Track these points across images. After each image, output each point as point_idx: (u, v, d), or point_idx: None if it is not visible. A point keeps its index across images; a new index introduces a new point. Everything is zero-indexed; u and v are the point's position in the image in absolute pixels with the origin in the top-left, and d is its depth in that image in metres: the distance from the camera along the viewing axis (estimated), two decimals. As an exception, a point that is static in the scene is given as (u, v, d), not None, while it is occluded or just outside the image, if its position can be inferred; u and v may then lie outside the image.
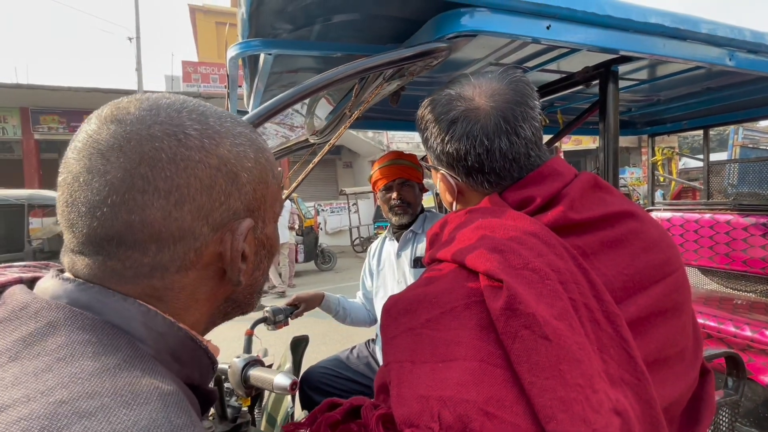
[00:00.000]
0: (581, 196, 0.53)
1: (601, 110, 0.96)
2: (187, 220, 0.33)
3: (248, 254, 0.37)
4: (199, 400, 0.37)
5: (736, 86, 1.49)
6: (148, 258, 0.32)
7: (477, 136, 0.54)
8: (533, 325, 0.41)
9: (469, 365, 0.42)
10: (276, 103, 0.55)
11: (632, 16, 0.77)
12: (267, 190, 0.39)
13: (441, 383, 0.42)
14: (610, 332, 0.45)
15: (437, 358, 0.44)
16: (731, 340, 1.58)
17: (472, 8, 0.67)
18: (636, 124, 2.14)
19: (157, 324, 0.33)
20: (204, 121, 0.35)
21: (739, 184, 2.82)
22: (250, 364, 0.73)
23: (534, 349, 0.41)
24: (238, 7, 0.68)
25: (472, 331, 0.44)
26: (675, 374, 0.52)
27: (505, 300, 0.43)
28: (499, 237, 0.49)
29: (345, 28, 0.85)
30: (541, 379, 0.40)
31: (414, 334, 0.48)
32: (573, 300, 0.45)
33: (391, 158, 1.48)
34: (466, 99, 0.56)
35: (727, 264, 2.06)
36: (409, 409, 0.42)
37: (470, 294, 0.47)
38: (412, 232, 1.48)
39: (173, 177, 0.32)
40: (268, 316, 1.30)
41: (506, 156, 0.55)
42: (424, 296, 0.50)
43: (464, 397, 0.41)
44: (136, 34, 9.82)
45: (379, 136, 10.52)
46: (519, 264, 0.46)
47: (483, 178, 0.57)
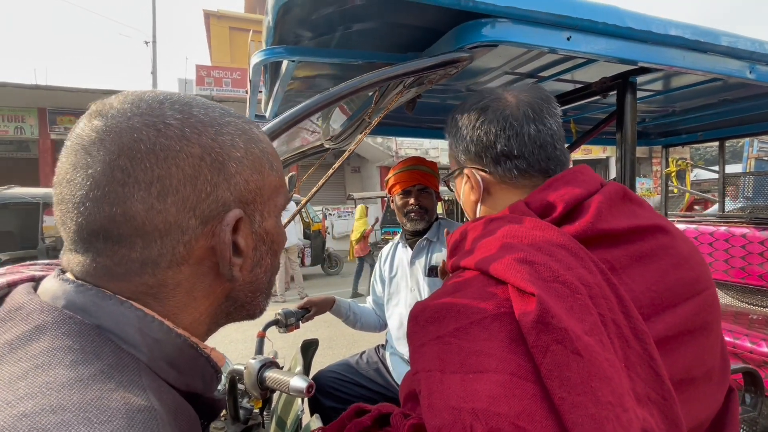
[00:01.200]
0: (609, 206, 0.52)
1: (618, 121, 0.96)
2: (172, 213, 0.31)
3: (244, 249, 0.35)
4: (204, 410, 0.37)
5: (754, 98, 1.48)
6: (136, 253, 0.31)
7: (507, 118, 0.59)
8: (565, 340, 0.41)
9: (500, 378, 0.42)
10: (303, 109, 0.56)
11: (652, 28, 0.77)
12: (263, 181, 0.37)
13: (472, 395, 0.42)
14: (638, 350, 0.45)
15: (467, 368, 0.44)
16: (747, 356, 1.55)
17: (494, 19, 0.68)
18: (650, 135, 2.12)
19: (153, 330, 0.32)
20: (186, 111, 0.34)
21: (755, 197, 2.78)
22: (266, 366, 0.74)
23: (566, 364, 0.40)
24: (265, 15, 0.69)
25: (501, 342, 0.44)
26: (702, 394, 0.51)
27: (537, 313, 0.42)
28: (526, 246, 0.49)
29: (365, 36, 0.86)
30: (572, 395, 0.39)
31: (442, 342, 0.47)
32: (602, 315, 0.45)
33: (412, 163, 1.46)
34: (495, 93, 0.63)
35: (743, 278, 2.02)
36: (441, 420, 0.42)
37: (499, 305, 0.46)
38: (426, 240, 1.46)
39: (153, 168, 0.31)
40: (280, 318, 1.31)
41: (535, 141, 0.58)
42: (452, 305, 0.49)
43: (496, 410, 0.40)
44: (153, 38, 10.03)
45: (388, 142, 10.56)
46: (549, 276, 0.45)
47: (512, 164, 0.59)
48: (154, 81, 9.73)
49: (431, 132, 1.90)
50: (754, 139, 4.50)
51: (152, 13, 10.07)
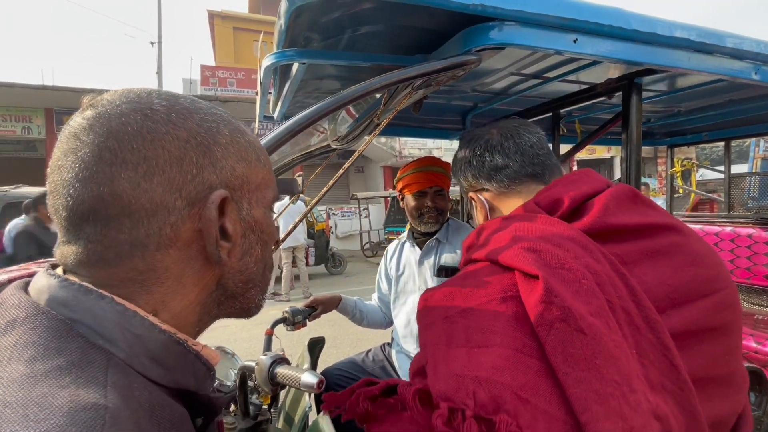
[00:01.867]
0: (617, 204, 0.54)
1: (624, 121, 0.97)
2: (158, 192, 0.32)
3: (232, 233, 0.36)
4: (200, 408, 0.37)
5: (759, 99, 1.48)
6: (125, 235, 0.32)
7: (489, 141, 0.72)
8: (569, 318, 0.42)
9: (504, 352, 0.43)
10: (316, 112, 0.58)
11: (658, 29, 0.78)
12: (250, 170, 0.38)
13: (476, 366, 0.43)
14: (651, 338, 0.45)
15: (472, 343, 0.46)
16: (752, 356, 1.55)
17: (501, 22, 0.69)
18: (655, 135, 2.12)
19: (134, 325, 0.32)
20: (173, 100, 0.35)
21: (761, 197, 2.76)
22: (277, 362, 0.76)
23: (569, 341, 0.41)
24: (277, 18, 0.71)
25: (507, 322, 0.45)
26: (723, 395, 0.51)
27: (541, 293, 0.43)
28: (534, 238, 0.51)
29: (372, 38, 0.87)
30: (576, 371, 0.40)
31: (449, 321, 0.49)
32: (610, 302, 0.45)
33: (428, 164, 1.43)
34: (480, 130, 0.77)
35: (749, 278, 2.02)
36: (445, 385, 0.43)
37: (505, 289, 0.48)
38: (436, 240, 1.46)
39: (140, 149, 0.32)
40: (287, 316, 1.32)
41: (516, 151, 0.69)
42: (461, 290, 0.52)
43: (499, 380, 0.41)
44: (158, 38, 10.09)
45: (392, 142, 10.57)
46: (555, 264, 0.47)
47: (502, 174, 0.69)
48: (159, 81, 9.79)
49: (436, 132, 1.91)
50: (760, 139, 4.47)
51: (158, 13, 10.13)
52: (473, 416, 0.40)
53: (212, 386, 0.38)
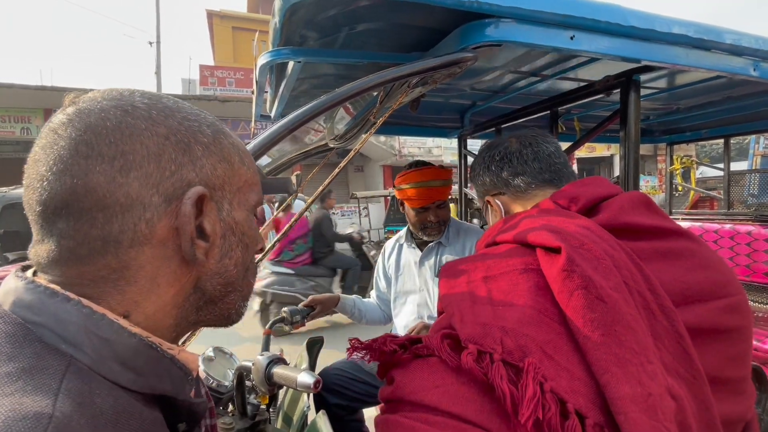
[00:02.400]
0: (632, 206, 0.56)
1: (622, 119, 0.97)
2: (134, 187, 0.32)
3: (210, 233, 0.35)
4: (182, 413, 0.36)
5: (758, 95, 1.48)
6: (97, 229, 0.31)
7: (508, 148, 0.75)
8: (589, 286, 0.43)
9: (528, 312, 0.44)
10: (310, 110, 0.57)
11: (655, 26, 0.78)
12: (232, 172, 0.38)
13: (501, 318, 0.44)
14: (665, 324, 0.46)
15: (496, 303, 0.47)
16: (753, 353, 1.54)
17: (498, 19, 0.69)
18: (654, 133, 2.12)
19: (101, 329, 0.31)
20: (155, 98, 0.35)
21: (760, 194, 2.76)
22: (274, 362, 0.75)
23: (589, 307, 0.42)
24: (272, 17, 0.70)
25: (529, 289, 0.47)
26: (733, 398, 0.51)
27: (563, 263, 0.45)
28: (556, 224, 0.53)
29: (369, 36, 0.87)
30: (596, 334, 0.41)
31: (472, 286, 0.51)
32: (627, 285, 0.46)
33: (430, 177, 1.39)
34: (500, 139, 0.79)
35: (748, 276, 2.02)
36: (473, 330, 0.44)
37: (527, 263, 0.50)
38: (437, 242, 1.46)
39: (117, 143, 0.31)
40: (286, 316, 1.32)
41: (534, 159, 0.72)
42: (482, 262, 0.54)
43: (524, 331, 0.42)
44: (157, 38, 10.07)
45: (391, 141, 10.56)
46: (576, 244, 0.48)
47: (519, 179, 0.72)
48: (158, 81, 9.78)
49: (434, 131, 1.91)
50: (760, 136, 4.47)
51: (156, 13, 10.11)
52: (501, 360, 0.41)
53: (191, 390, 0.37)
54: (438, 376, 0.44)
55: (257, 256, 0.46)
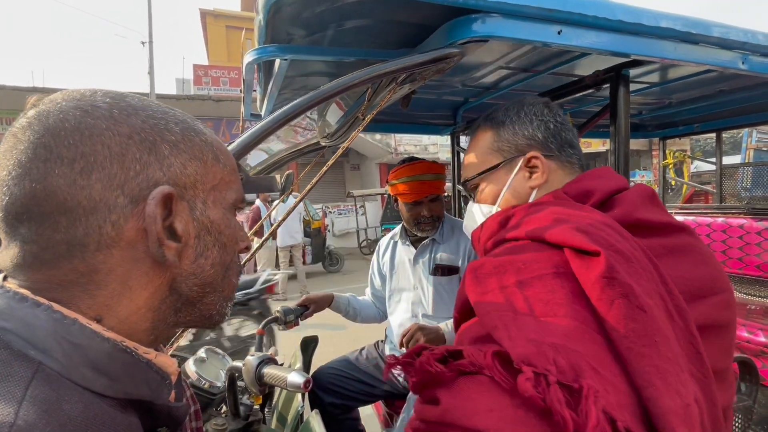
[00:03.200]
0: (643, 202, 0.56)
1: (611, 114, 0.97)
2: (97, 189, 0.31)
3: (182, 234, 0.34)
4: (161, 418, 0.36)
5: (750, 89, 1.48)
6: (60, 234, 0.30)
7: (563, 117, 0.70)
8: (630, 294, 0.42)
9: (572, 323, 0.43)
10: (293, 108, 0.57)
11: (643, 20, 0.77)
12: (205, 170, 0.37)
13: (548, 332, 0.43)
14: (681, 325, 0.46)
15: (538, 314, 0.45)
16: (745, 345, 1.55)
17: (484, 14, 0.68)
18: (647, 127, 2.12)
19: (72, 334, 0.30)
20: (119, 98, 0.34)
21: (753, 187, 2.77)
22: (264, 363, 0.75)
23: (631, 317, 0.42)
24: (256, 14, 0.69)
25: (566, 296, 0.45)
26: (722, 386, 0.52)
27: (603, 269, 0.43)
28: (577, 221, 0.51)
29: (357, 33, 0.86)
30: (639, 345, 0.41)
31: (506, 292, 0.48)
32: (651, 287, 0.46)
33: (422, 171, 1.39)
34: (510, 107, 0.73)
35: (741, 269, 2.03)
36: (525, 349, 0.42)
37: (558, 265, 0.48)
38: (431, 239, 1.45)
39: (77, 145, 0.30)
40: (279, 316, 1.32)
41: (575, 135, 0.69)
42: (511, 262, 0.50)
43: (573, 348, 0.41)
44: (149, 38, 9.99)
45: (387, 139, 10.55)
46: (605, 244, 0.47)
47: (572, 151, 0.68)
48: (151, 81, 9.69)
49: (427, 128, 1.90)
50: (753, 130, 4.49)
51: (148, 12, 10.02)
52: (557, 382, 0.39)
53: (170, 394, 0.36)
54: (491, 398, 0.42)
55: (244, 255, 0.45)
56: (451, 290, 1.40)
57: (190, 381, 0.94)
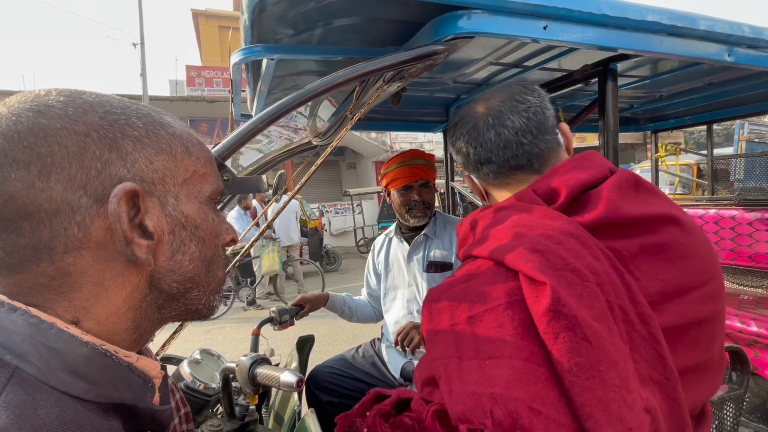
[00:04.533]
0: (621, 195, 0.53)
1: (600, 108, 0.97)
2: (58, 191, 0.30)
3: (154, 230, 0.34)
4: (146, 422, 0.35)
5: (738, 81, 1.49)
6: (25, 238, 0.30)
7: (470, 131, 0.64)
8: (575, 327, 0.43)
9: (515, 363, 0.44)
10: (278, 108, 0.57)
11: (629, 14, 0.78)
12: (175, 164, 0.36)
13: (490, 381, 0.44)
14: (643, 333, 0.47)
15: (482, 355, 0.46)
16: (737, 335, 1.57)
17: (469, 10, 0.68)
18: (639, 121, 2.13)
19: (50, 338, 0.30)
20: (74, 95, 0.33)
21: (746, 178, 2.80)
22: (257, 363, 0.75)
23: (575, 350, 0.42)
24: (241, 14, 0.69)
25: (514, 330, 0.46)
26: (705, 379, 0.53)
27: (549, 302, 0.44)
28: (537, 236, 0.50)
29: (345, 31, 0.86)
30: (582, 379, 0.42)
31: (456, 330, 0.49)
32: (609, 302, 0.46)
33: (412, 157, 1.41)
34: (470, 106, 0.67)
35: (733, 259, 2.05)
36: (463, 406, 0.43)
37: (510, 293, 0.48)
38: (424, 235, 1.45)
39: (32, 147, 0.30)
40: (274, 316, 1.32)
41: (497, 144, 0.62)
42: (465, 294, 0.51)
43: (513, 395, 0.42)
44: (141, 40, 9.91)
45: (383, 137, 10.54)
46: (560, 265, 0.47)
47: (486, 168, 0.64)
48: (143, 83, 9.62)
49: (420, 125, 1.90)
50: (744, 122, 4.52)
51: (139, 14, 9.94)
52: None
53: (153, 397, 0.36)
54: None
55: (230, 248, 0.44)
56: None
57: (185, 383, 0.93)
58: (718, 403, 0.95)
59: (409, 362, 1.41)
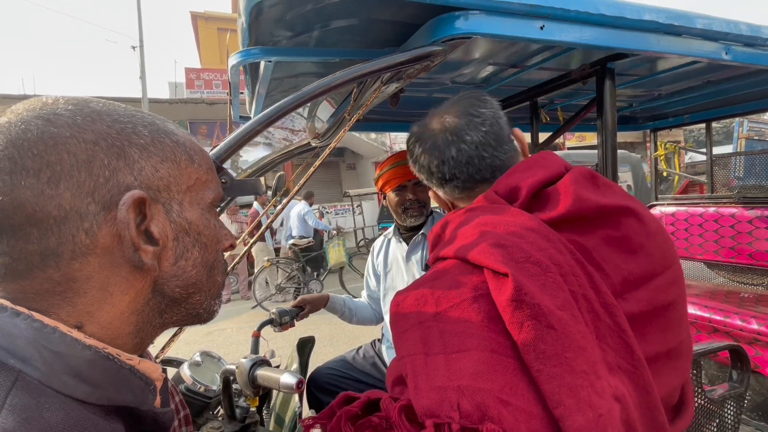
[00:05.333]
0: (576, 190, 0.54)
1: (598, 107, 0.97)
2: (67, 198, 0.31)
3: (159, 237, 0.34)
4: (148, 424, 0.36)
5: (736, 79, 1.49)
6: (33, 245, 0.30)
7: (432, 149, 0.64)
8: (539, 315, 0.43)
9: (481, 355, 0.44)
10: (276, 110, 0.57)
11: (626, 13, 0.78)
12: (179, 171, 0.37)
13: (456, 373, 0.43)
14: (608, 322, 0.47)
15: (449, 349, 0.46)
16: (738, 333, 1.57)
17: (466, 11, 0.69)
18: (638, 120, 2.13)
19: (53, 342, 0.30)
20: (82, 104, 0.34)
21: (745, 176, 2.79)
22: (257, 365, 0.75)
23: (540, 338, 0.42)
24: (238, 16, 0.69)
25: (480, 322, 0.46)
26: (674, 366, 0.53)
27: (512, 291, 0.44)
28: (500, 232, 0.51)
29: (343, 33, 0.86)
30: (548, 366, 0.41)
31: (424, 327, 0.49)
32: (573, 292, 0.47)
33: (404, 157, 1.41)
34: (425, 123, 0.68)
35: (733, 257, 2.05)
36: (429, 400, 0.43)
37: (476, 288, 0.48)
38: (422, 235, 1.46)
39: (42, 155, 0.30)
40: (274, 317, 1.32)
41: (459, 161, 0.62)
42: (431, 292, 0.51)
43: (480, 386, 0.42)
44: (140, 42, 9.93)
45: (382, 138, 10.54)
46: (521, 257, 0.47)
47: (452, 185, 0.65)
48: (143, 86, 9.63)
49: (419, 126, 1.90)
50: (744, 120, 4.52)
51: (138, 17, 9.95)
52: (460, 429, 0.40)
53: (155, 400, 0.36)
54: None
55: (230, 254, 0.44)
56: None
57: (185, 385, 0.94)
58: (718, 402, 0.95)
59: None
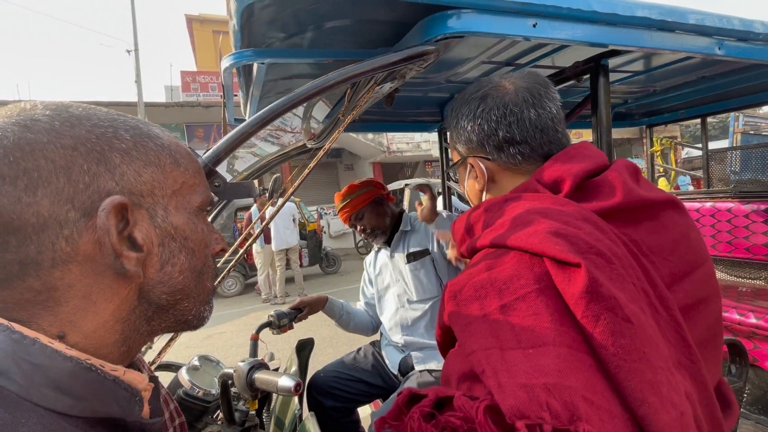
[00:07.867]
0: (626, 182, 0.52)
1: (593, 104, 0.97)
2: (45, 205, 0.30)
3: (143, 243, 0.34)
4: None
5: (731, 74, 1.49)
6: (11, 254, 0.30)
7: (507, 105, 0.59)
8: (615, 307, 0.40)
9: (560, 351, 0.41)
10: (268, 113, 0.57)
11: (618, 10, 0.78)
12: (164, 175, 0.36)
13: (539, 370, 0.40)
14: (665, 316, 0.45)
15: (525, 344, 0.43)
16: (736, 327, 1.57)
17: (458, 10, 0.68)
18: (633, 116, 2.14)
19: (32, 354, 0.30)
20: (60, 109, 0.33)
21: (742, 171, 2.80)
22: (255, 368, 0.75)
23: (619, 332, 0.40)
24: (230, 18, 0.69)
25: (550, 316, 0.43)
26: (716, 360, 0.53)
27: (586, 283, 0.41)
28: (556, 221, 0.48)
29: (336, 33, 0.86)
30: (629, 362, 0.39)
31: (490, 320, 0.46)
32: (634, 285, 0.45)
33: (340, 200, 1.56)
34: (493, 81, 0.63)
35: (730, 252, 2.05)
36: (515, 399, 0.40)
37: (538, 279, 0.45)
38: (401, 231, 1.55)
39: (19, 161, 0.30)
40: (273, 320, 1.32)
41: (536, 125, 0.58)
42: (491, 282, 0.47)
43: (566, 383, 0.39)
44: (135, 46, 9.90)
45: (380, 138, 10.54)
46: (585, 248, 0.45)
47: (516, 149, 0.59)
48: (138, 90, 9.60)
49: (415, 125, 1.90)
50: (739, 114, 4.53)
51: (132, 21, 9.93)
52: (552, 431, 0.37)
53: (142, 411, 0.36)
54: None
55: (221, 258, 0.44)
56: (426, 271, 1.48)
57: (184, 389, 0.93)
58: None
59: (405, 357, 1.42)
